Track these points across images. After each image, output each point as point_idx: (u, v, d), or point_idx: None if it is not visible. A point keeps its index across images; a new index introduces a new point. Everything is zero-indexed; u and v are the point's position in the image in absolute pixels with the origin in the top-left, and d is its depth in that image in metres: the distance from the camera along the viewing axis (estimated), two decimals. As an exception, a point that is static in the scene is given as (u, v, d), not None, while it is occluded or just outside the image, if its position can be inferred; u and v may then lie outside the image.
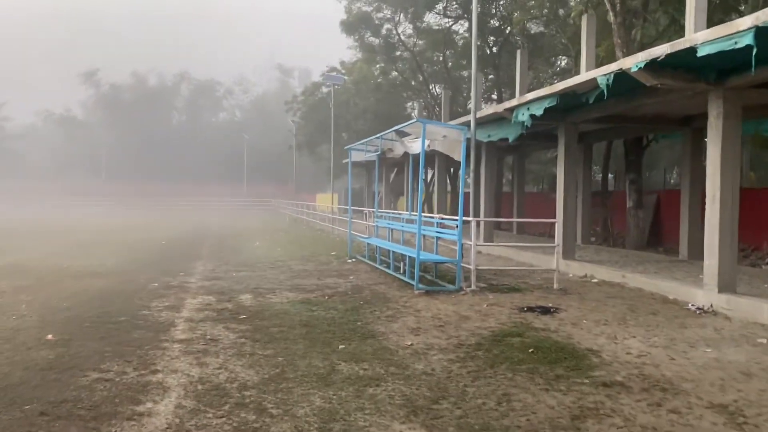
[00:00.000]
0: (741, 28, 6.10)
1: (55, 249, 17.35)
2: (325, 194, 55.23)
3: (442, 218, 10.68)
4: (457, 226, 9.94)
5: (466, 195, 26.78)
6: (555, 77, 31.37)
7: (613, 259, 12.80)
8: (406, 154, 13.42)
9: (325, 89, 40.90)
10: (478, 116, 12.14)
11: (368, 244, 13.98)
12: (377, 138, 12.17)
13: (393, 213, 14.45)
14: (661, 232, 16.68)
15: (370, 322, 7.61)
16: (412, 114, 39.64)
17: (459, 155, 9.80)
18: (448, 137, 9.81)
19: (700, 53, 6.65)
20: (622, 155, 22.71)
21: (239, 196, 60.88)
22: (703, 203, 12.90)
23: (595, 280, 10.81)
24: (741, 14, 13.81)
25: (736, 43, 6.14)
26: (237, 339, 6.74)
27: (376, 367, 5.64)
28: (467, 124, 12.34)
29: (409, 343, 6.52)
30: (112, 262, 14.10)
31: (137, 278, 11.47)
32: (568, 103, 10.64)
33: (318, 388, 5.05)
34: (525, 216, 21.40)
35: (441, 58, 34.88)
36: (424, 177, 32.05)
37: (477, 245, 9.33)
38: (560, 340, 6.56)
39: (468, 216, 11.51)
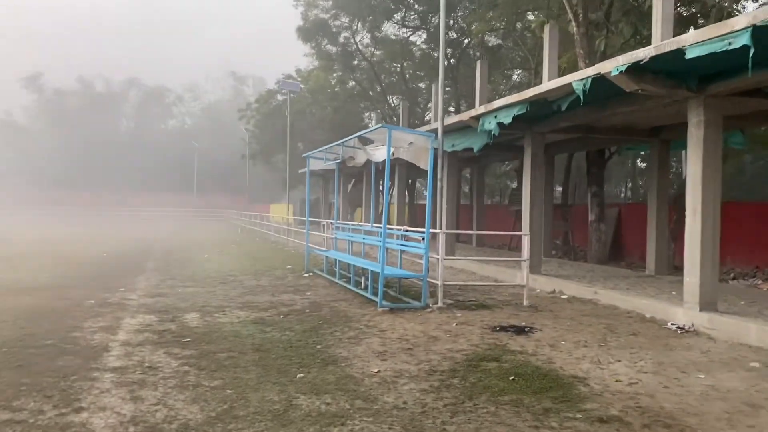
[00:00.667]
0: (736, 28, 5.70)
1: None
2: (279, 205, 54.13)
3: (407, 230, 10.05)
4: (422, 239, 9.31)
5: (425, 207, 26.48)
6: (512, 90, 31.32)
7: (580, 273, 12.41)
8: (368, 163, 12.76)
9: (280, 97, 40.00)
10: (430, 129, 11.63)
11: (326, 257, 13.23)
12: (338, 145, 11.47)
13: (353, 225, 13.77)
14: (623, 246, 16.48)
15: (331, 344, 6.88)
16: (370, 124, 39.12)
17: (425, 164, 9.21)
18: (414, 144, 9.21)
19: (689, 55, 6.23)
20: (581, 168, 22.73)
21: (190, 207, 59.08)
22: (671, 217, 12.85)
23: (564, 296, 10.34)
24: (699, 27, 13.77)
25: (729, 43, 5.73)
26: (179, 367, 5.92)
27: (340, 400, 4.93)
28: (433, 131, 11.80)
29: (376, 369, 5.83)
30: (46, 276, 12.94)
31: (72, 294, 10.43)
32: (536, 112, 10.19)
33: (273, 428, 4.30)
34: (484, 228, 21.00)
35: (399, 69, 34.52)
36: (384, 187, 31.51)
37: (444, 259, 8.71)
38: (541, 365, 5.97)
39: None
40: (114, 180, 62.91)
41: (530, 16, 24.77)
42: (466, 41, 30.51)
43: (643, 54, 6.91)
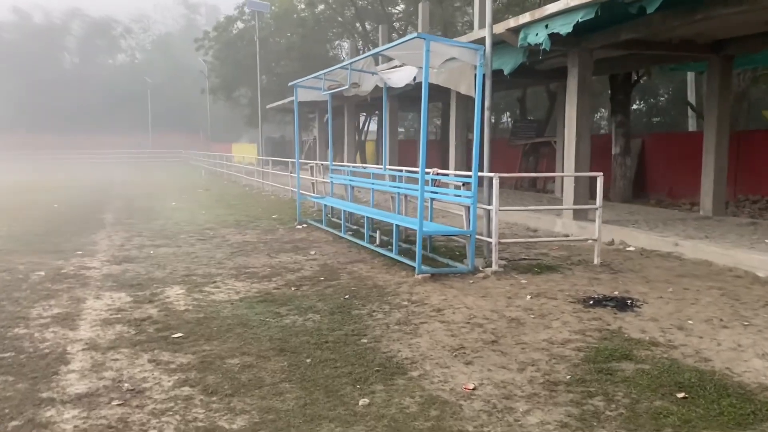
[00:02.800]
0: None
1: None
2: (242, 144, 51.20)
3: (438, 173, 8.07)
4: (462, 185, 7.37)
5: (411, 143, 24.27)
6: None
7: (626, 217, 10.67)
8: (376, 91, 10.58)
9: (241, 24, 36.60)
10: (470, 40, 9.46)
11: (327, 207, 11.18)
12: (343, 68, 9.22)
13: (353, 166, 11.71)
14: (645, 182, 14.88)
15: (380, 336, 5.00)
16: (340, 54, 36.27)
17: (468, 87, 7.18)
18: (454, 62, 7.12)
19: None
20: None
21: (145, 148, 55.50)
22: (734, 149, 11.22)
23: (631, 249, 8.61)
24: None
25: None
26: (176, 389, 3.98)
27: (453, 457, 3.08)
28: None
29: (471, 385, 3.98)
30: (-18, 237, 10.62)
31: (13, 263, 8.24)
32: (598, 20, 8.12)
33: None
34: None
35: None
36: (359, 124, 29.13)
37: (499, 210, 6.81)
38: (698, 366, 4.23)
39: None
40: (59, 121, 58.47)
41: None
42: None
43: None
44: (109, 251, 9.31)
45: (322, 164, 14.12)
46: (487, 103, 6.97)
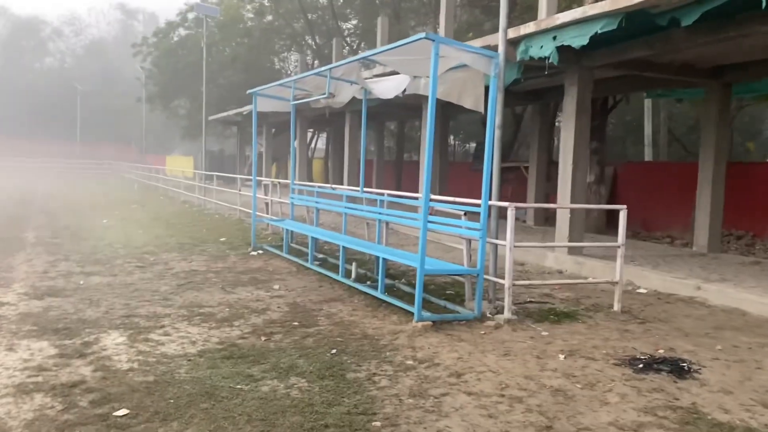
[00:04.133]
0: None
1: None
2: (177, 157, 48.83)
3: (432, 201, 6.90)
4: (464, 215, 6.30)
5: (366, 164, 22.78)
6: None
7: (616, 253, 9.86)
8: (351, 104, 9.43)
9: (183, 31, 34.74)
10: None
11: (290, 232, 9.88)
12: (319, 75, 7.95)
13: (318, 187, 10.47)
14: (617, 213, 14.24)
15: (394, 415, 3.83)
16: (287, 68, 34.96)
17: (475, 101, 6.18)
18: (458, 71, 6.09)
19: None
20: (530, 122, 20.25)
21: (71, 157, 52.07)
22: (732, 179, 10.63)
23: (642, 291, 7.74)
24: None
25: None
26: None
27: None
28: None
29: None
30: None
31: None
32: (598, 37, 7.30)
33: None
34: (446, 191, 18.12)
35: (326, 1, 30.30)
36: (307, 141, 27.83)
37: (514, 247, 5.75)
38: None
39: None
40: (-22, 125, 54.31)
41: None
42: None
43: None
44: (29, 280, 7.73)
45: (279, 182, 12.78)
46: (498, 121, 5.96)
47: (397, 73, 7.98)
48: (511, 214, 5.74)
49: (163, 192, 27.08)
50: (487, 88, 6.40)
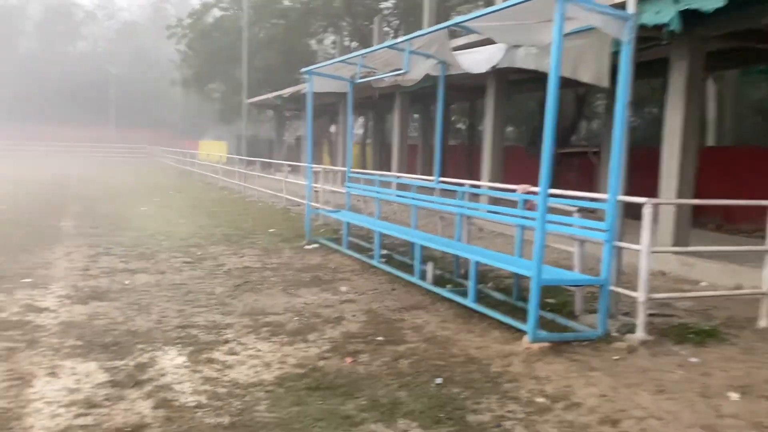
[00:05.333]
0: None
1: None
2: (210, 141, 48.34)
3: (528, 192, 5.89)
4: (577, 211, 5.28)
5: (411, 149, 21.44)
6: None
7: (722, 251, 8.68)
8: (426, 81, 8.40)
9: (218, 12, 33.94)
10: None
11: (346, 223, 8.95)
12: (394, 48, 6.91)
13: (381, 175, 9.51)
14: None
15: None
16: (325, 50, 33.95)
17: (599, 74, 5.12)
18: (574, 39, 5.06)
19: None
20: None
21: (106, 142, 51.91)
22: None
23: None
24: None
25: None
26: None
27: None
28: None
29: None
30: None
31: (-69, 300, 5.82)
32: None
33: None
34: (499, 178, 16.90)
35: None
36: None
37: (649, 252, 4.70)
38: None
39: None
40: (13, 110, 54.42)
41: None
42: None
43: None
44: (70, 279, 6.94)
45: (331, 170, 11.85)
46: (627, 98, 4.90)
47: (481, 46, 6.96)
48: (648, 212, 4.69)
49: (199, 177, 26.41)
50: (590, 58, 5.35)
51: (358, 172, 10.31)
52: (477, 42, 7.99)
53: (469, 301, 5.78)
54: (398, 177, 9.50)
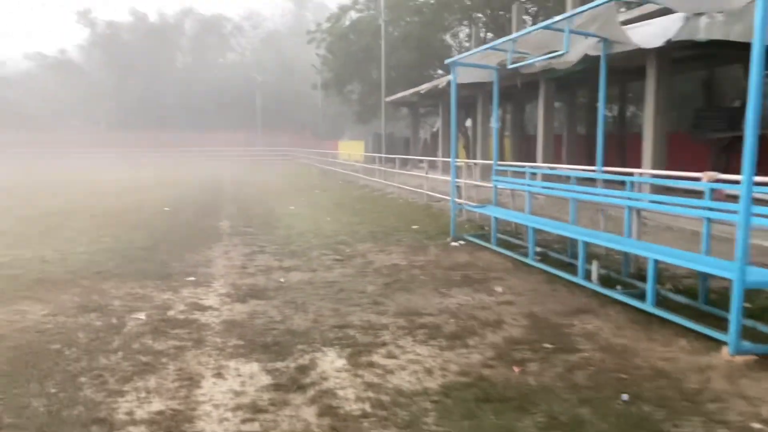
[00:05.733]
0: None
1: (5, 224, 12.06)
2: (349, 141, 49.63)
3: (716, 181, 5.17)
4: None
5: (582, 139, 20.25)
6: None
7: None
8: (547, 70, 7.76)
9: (354, 14, 34.68)
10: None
11: (495, 219, 8.53)
12: (551, 28, 6.40)
13: (530, 167, 8.97)
14: None
15: None
16: (464, 44, 33.49)
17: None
18: None
19: None
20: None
21: (253, 145, 55.18)
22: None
23: None
24: None
25: None
26: None
27: None
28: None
29: None
30: (80, 251, 8.82)
31: (108, 296, 6.20)
32: None
33: None
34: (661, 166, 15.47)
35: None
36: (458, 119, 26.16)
37: None
38: None
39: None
40: (171, 119, 59.41)
41: None
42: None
43: None
44: (229, 277, 7.15)
45: (473, 164, 11.44)
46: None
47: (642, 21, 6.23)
48: None
49: (340, 176, 27.07)
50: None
51: (505, 165, 9.81)
52: (640, 16, 7.19)
53: (647, 305, 5.15)
54: (552, 168, 8.89)
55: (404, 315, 5.50)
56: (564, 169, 8.91)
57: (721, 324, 4.64)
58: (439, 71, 33.12)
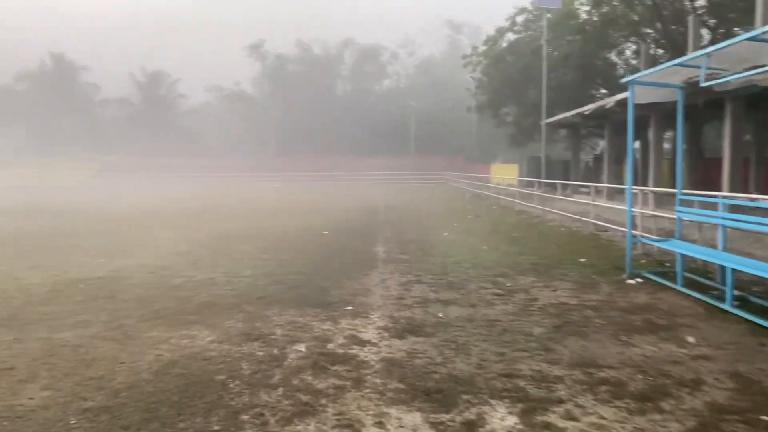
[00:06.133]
0: None
1: (182, 246, 12.92)
2: (502, 165, 48.68)
3: None
4: None
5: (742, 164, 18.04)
6: None
7: None
8: (730, 88, 6.74)
9: (512, 35, 34.10)
10: None
11: (680, 255, 7.54)
12: (756, 39, 5.53)
13: (722, 197, 7.88)
14: None
15: None
16: (631, 62, 31.58)
17: None
18: None
19: None
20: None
21: (406, 170, 56.10)
22: None
23: None
24: None
25: None
26: None
27: None
28: None
29: None
30: (246, 274, 9.12)
31: (271, 324, 6.21)
32: None
33: None
34: None
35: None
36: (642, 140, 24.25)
37: None
38: None
39: None
40: (329, 145, 62.26)
41: None
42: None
43: None
44: (386, 307, 6.93)
45: (654, 191, 10.37)
46: None
47: None
48: None
49: (493, 201, 26.41)
50: None
51: (691, 194, 8.71)
52: None
53: None
54: (753, 200, 7.71)
55: (580, 366, 4.89)
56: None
57: None
58: (602, 90, 31.44)
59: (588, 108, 19.72)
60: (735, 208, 7.99)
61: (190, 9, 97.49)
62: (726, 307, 6.43)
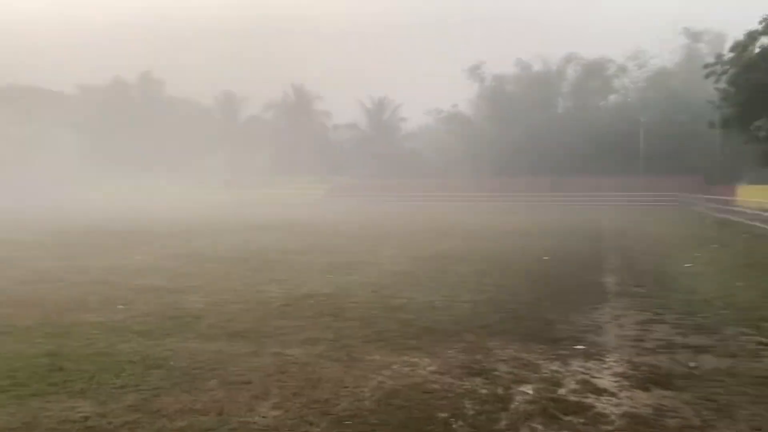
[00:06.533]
0: None
1: (403, 265, 13.10)
2: (755, 187, 42.69)
3: None
4: None
5: None
6: None
7: None
8: None
9: (766, 39, 29.77)
10: None
11: None
12: None
13: None
14: None
15: None
16: None
17: None
18: None
19: None
20: None
21: (632, 191, 51.96)
22: None
23: None
24: None
25: None
26: None
27: None
28: None
29: None
30: (465, 299, 8.85)
31: (492, 357, 5.81)
32: None
33: None
34: None
35: None
36: None
37: None
38: None
39: None
40: (549, 164, 60.15)
41: None
42: None
43: None
44: (623, 350, 6.14)
45: None
46: None
47: None
48: None
49: (744, 228, 23.07)
50: None
51: None
52: None
53: None
54: None
55: None
56: None
57: None
58: None
59: None
60: None
61: (416, 34, 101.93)
62: None
